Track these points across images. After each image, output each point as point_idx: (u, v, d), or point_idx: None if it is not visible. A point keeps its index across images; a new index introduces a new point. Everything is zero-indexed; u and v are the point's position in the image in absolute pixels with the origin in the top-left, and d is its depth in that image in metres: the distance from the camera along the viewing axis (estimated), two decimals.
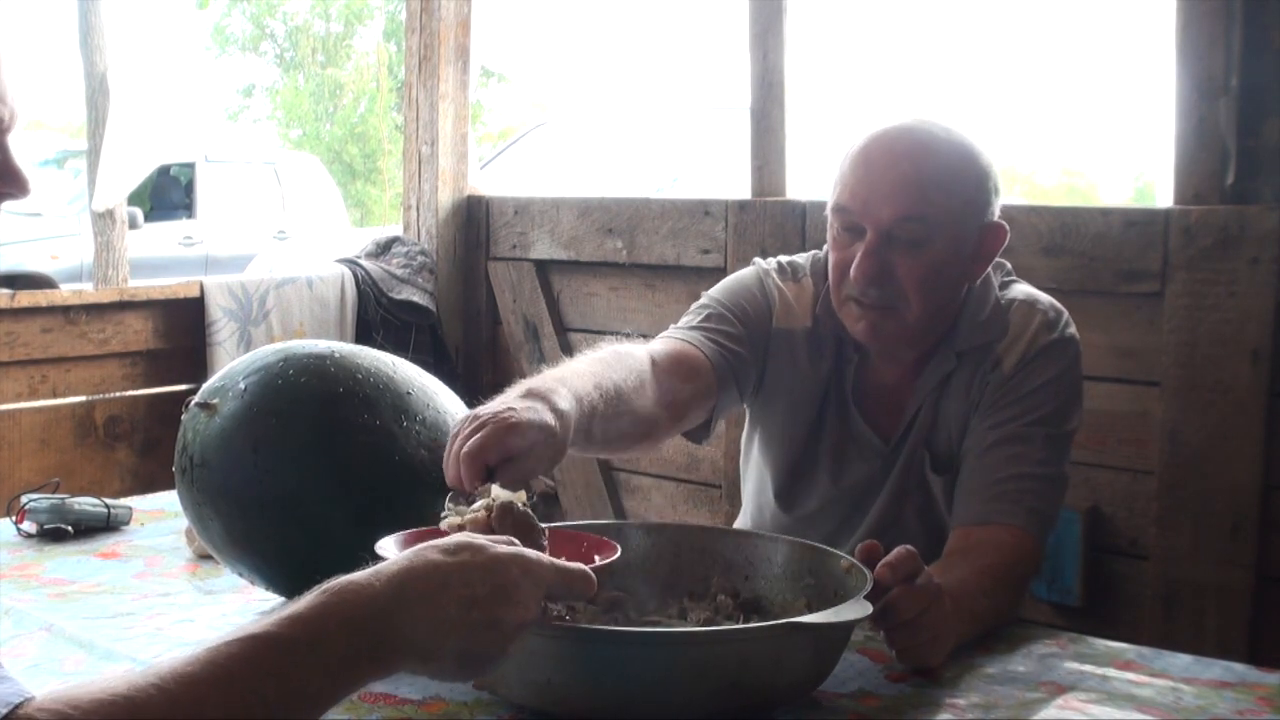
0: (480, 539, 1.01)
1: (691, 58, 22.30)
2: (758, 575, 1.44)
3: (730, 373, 1.73)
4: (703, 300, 1.83)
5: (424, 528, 1.24)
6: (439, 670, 0.98)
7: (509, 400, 1.35)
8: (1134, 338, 2.51)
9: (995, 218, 1.69)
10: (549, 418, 1.33)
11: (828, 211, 1.70)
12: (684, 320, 1.79)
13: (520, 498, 1.22)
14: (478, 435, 1.27)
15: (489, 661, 0.99)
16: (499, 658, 0.99)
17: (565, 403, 1.37)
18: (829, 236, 1.72)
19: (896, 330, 1.68)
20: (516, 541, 1.05)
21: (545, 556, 1.03)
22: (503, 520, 1.18)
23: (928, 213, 1.62)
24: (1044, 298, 1.75)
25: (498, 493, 1.22)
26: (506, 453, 1.27)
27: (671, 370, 1.64)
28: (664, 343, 1.72)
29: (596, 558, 1.20)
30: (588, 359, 1.55)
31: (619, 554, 1.22)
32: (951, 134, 1.67)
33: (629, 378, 1.54)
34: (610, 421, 1.49)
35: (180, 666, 0.83)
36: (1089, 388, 1.78)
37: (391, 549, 1.16)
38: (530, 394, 1.36)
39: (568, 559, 1.08)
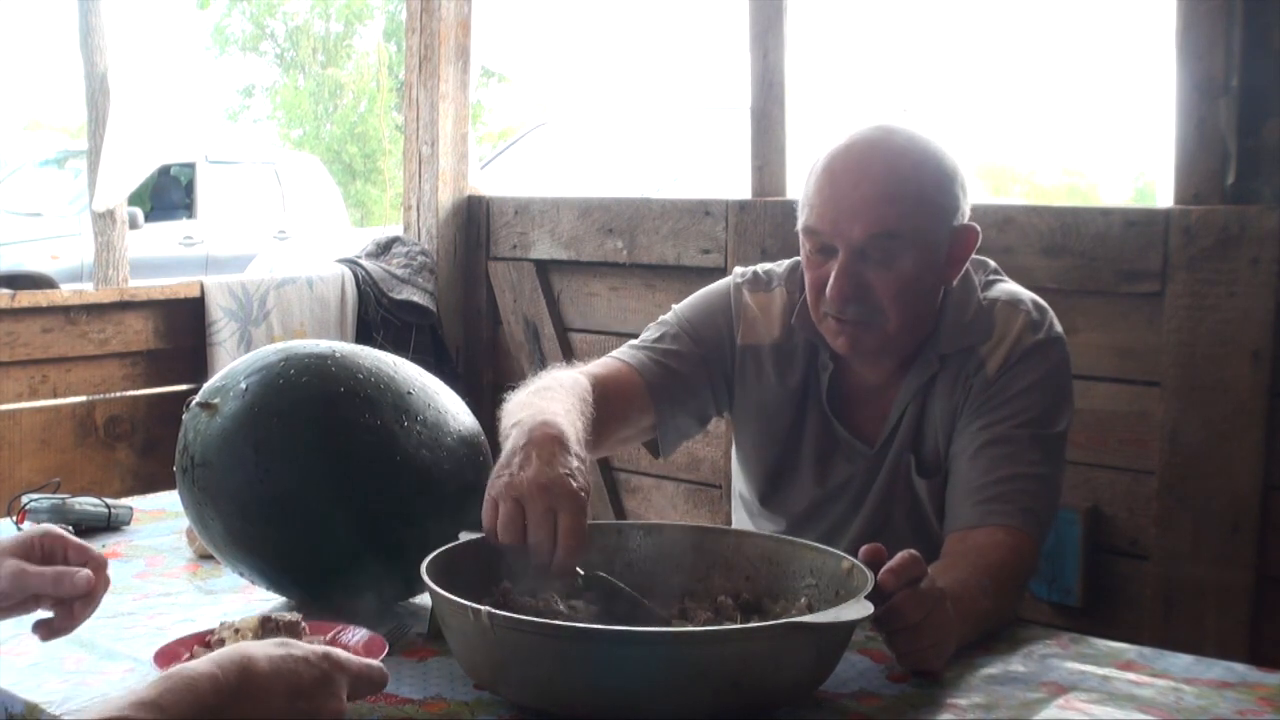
0: (288, 640, 1.04)
1: (691, 58, 22.29)
2: (758, 575, 1.44)
3: (670, 394, 1.77)
4: (665, 316, 1.86)
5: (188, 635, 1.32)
6: None
7: (542, 455, 1.36)
8: (1134, 338, 2.50)
9: (966, 220, 1.67)
10: (588, 476, 1.39)
11: (798, 229, 1.70)
12: (641, 336, 1.83)
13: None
14: (571, 530, 1.31)
15: None
16: None
17: (582, 447, 1.43)
18: (802, 255, 1.71)
19: (877, 342, 1.68)
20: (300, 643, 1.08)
21: (348, 654, 1.06)
22: (268, 631, 1.24)
23: (898, 227, 1.61)
24: (1027, 296, 1.73)
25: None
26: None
27: (607, 393, 1.68)
28: (604, 365, 1.76)
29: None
30: (560, 390, 1.58)
31: (388, 649, 1.27)
32: (914, 141, 1.65)
33: (586, 409, 1.58)
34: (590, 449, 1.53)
35: None
36: (1088, 388, 1.77)
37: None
38: (554, 441, 1.39)
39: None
